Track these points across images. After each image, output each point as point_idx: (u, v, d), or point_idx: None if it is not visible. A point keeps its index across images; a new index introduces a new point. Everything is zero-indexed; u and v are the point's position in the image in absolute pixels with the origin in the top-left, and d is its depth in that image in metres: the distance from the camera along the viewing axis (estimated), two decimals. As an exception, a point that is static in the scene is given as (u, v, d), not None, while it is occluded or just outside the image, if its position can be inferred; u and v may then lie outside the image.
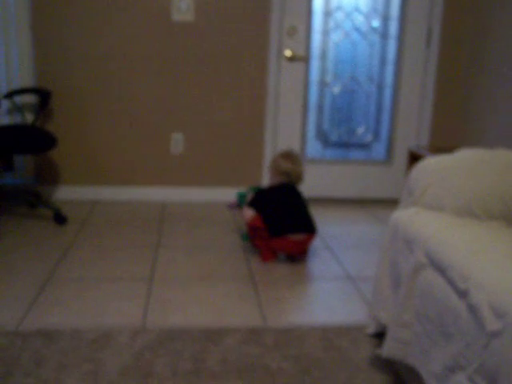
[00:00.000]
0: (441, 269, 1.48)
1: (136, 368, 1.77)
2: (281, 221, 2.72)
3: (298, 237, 2.70)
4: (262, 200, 2.82)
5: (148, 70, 3.59)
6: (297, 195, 2.83)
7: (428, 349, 1.50)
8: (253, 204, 2.81)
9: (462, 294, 1.35)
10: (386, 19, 3.71)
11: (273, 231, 2.70)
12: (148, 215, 3.43)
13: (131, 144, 3.68)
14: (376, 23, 3.71)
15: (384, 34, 3.73)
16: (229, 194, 3.69)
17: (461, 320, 1.34)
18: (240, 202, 3.09)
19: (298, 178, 2.89)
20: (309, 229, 2.74)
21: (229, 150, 3.75)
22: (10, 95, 3.39)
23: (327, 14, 3.65)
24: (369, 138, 3.88)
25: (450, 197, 1.78)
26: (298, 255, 2.78)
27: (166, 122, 3.68)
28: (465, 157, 1.91)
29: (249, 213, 2.79)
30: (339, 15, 3.66)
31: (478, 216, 1.73)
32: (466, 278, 1.35)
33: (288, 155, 2.91)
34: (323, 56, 3.72)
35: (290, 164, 2.87)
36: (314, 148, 3.86)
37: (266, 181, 3.66)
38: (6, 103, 3.50)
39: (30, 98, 3.53)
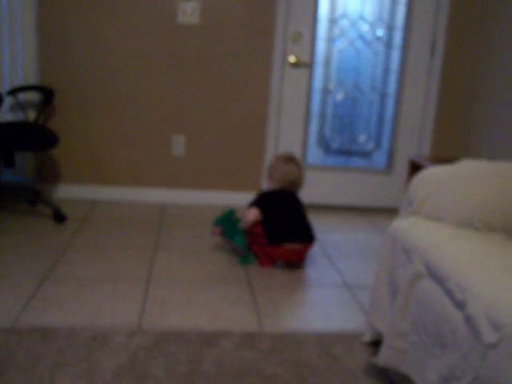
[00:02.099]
0: (439, 279, 1.48)
1: (131, 369, 1.77)
2: (279, 229, 2.69)
3: (295, 246, 2.68)
4: (265, 201, 2.77)
5: (151, 71, 3.59)
6: (297, 203, 2.80)
7: (424, 358, 1.50)
8: (256, 204, 2.76)
9: (460, 305, 1.35)
10: (390, 29, 3.72)
11: (271, 239, 2.69)
12: (148, 216, 3.43)
13: (133, 144, 3.68)
14: (380, 32, 3.72)
15: (388, 44, 3.75)
16: (228, 198, 3.70)
17: (457, 331, 1.34)
18: (224, 228, 2.81)
19: (300, 184, 2.86)
20: (307, 238, 2.72)
21: (230, 153, 3.75)
22: (13, 92, 3.40)
23: (332, 21, 3.66)
24: (370, 146, 3.89)
25: (450, 207, 1.78)
26: (295, 262, 2.77)
27: (169, 124, 3.68)
28: (465, 168, 1.92)
29: (254, 211, 2.71)
30: (344, 23, 3.68)
31: (478, 227, 1.74)
32: (464, 289, 1.35)
33: (290, 160, 2.86)
34: (327, 63, 3.73)
35: (295, 169, 2.82)
36: (315, 155, 3.86)
37: (265, 185, 3.66)
38: (9, 100, 3.51)
39: (33, 96, 3.53)
